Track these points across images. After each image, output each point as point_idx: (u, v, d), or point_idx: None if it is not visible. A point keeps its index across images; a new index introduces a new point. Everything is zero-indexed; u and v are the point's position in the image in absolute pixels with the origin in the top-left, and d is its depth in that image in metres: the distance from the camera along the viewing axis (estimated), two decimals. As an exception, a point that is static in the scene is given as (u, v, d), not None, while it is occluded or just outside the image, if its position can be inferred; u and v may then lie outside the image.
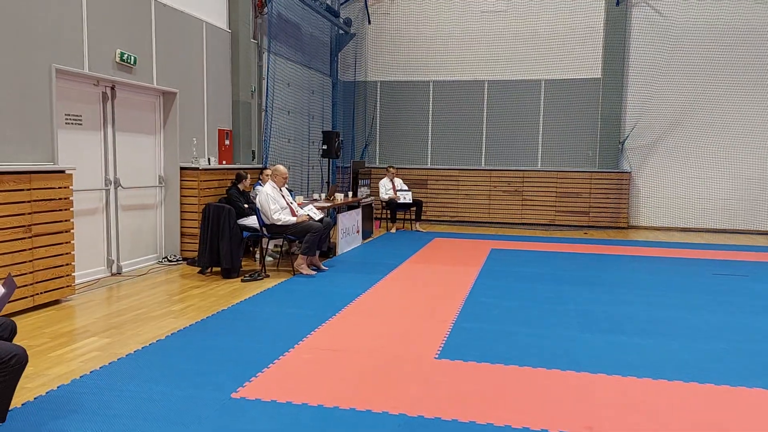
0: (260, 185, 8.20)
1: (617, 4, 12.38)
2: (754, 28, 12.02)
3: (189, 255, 8.08)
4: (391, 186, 11.70)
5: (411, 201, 11.63)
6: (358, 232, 9.76)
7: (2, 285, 3.19)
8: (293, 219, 7.24)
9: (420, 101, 13.79)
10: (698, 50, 12.27)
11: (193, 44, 8.37)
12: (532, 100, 13.17)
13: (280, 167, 7.52)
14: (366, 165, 13.28)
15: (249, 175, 8.25)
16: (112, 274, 7.15)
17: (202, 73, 8.64)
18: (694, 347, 4.70)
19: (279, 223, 7.17)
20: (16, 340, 3.36)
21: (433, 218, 13.45)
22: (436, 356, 4.39)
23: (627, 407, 3.54)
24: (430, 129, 13.80)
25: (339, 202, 9.33)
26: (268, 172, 7.90)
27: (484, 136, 13.49)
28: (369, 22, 13.82)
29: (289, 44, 11.21)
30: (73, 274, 5.94)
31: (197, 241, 7.59)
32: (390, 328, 5.07)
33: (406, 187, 11.89)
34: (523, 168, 13.18)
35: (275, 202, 7.19)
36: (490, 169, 13.30)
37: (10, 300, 5.10)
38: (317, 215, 7.62)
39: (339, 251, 8.78)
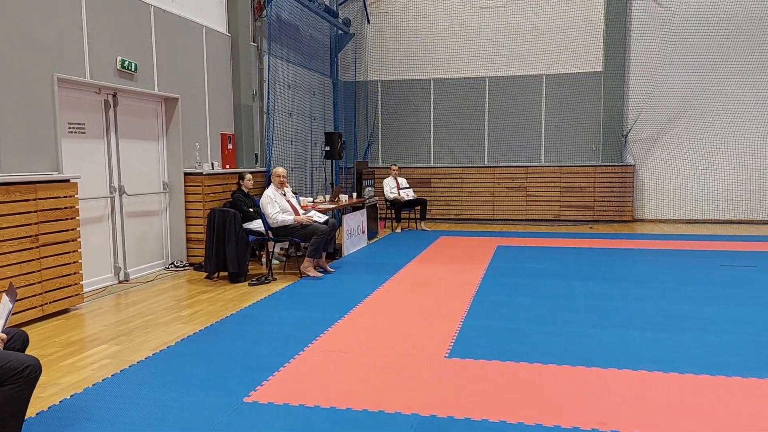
0: None
1: (616, -4, 12.37)
2: (755, 17, 11.97)
3: (195, 260, 8.09)
4: (395, 184, 11.70)
5: (414, 197, 11.67)
6: (363, 232, 9.76)
7: (7, 295, 3.20)
8: (290, 219, 7.22)
9: (421, 100, 13.78)
10: (699, 40, 12.23)
11: (193, 49, 8.38)
12: (533, 95, 13.15)
13: (275, 169, 7.52)
14: (369, 165, 13.27)
15: (249, 175, 8.28)
16: (120, 282, 7.17)
17: (203, 77, 8.65)
18: (704, 340, 4.69)
19: (277, 225, 7.17)
20: (27, 351, 3.37)
21: (437, 217, 13.44)
22: (447, 355, 4.38)
23: (639, 401, 3.53)
24: (432, 127, 13.79)
25: (343, 203, 9.33)
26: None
27: (486, 133, 13.48)
28: (368, 22, 13.82)
29: (289, 46, 11.21)
30: (81, 282, 5.96)
31: (203, 247, 7.60)
32: (399, 328, 5.07)
33: (407, 185, 11.94)
34: (526, 164, 13.16)
35: (275, 205, 7.20)
36: (494, 166, 13.29)
37: (17, 311, 5.14)
38: (321, 218, 7.61)
39: (345, 252, 8.78)
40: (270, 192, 7.27)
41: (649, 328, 5.01)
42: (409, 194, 11.69)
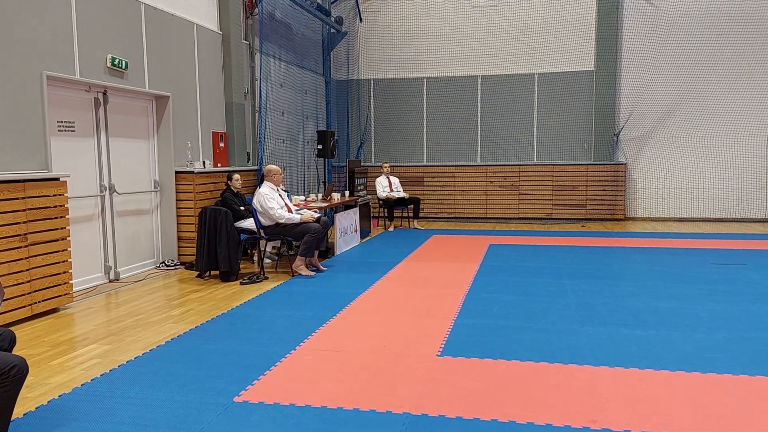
0: None
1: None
2: (746, 16, 12.03)
3: (186, 259, 8.05)
4: (388, 183, 11.70)
5: (404, 195, 11.71)
6: (356, 231, 9.74)
7: None
8: (297, 217, 7.20)
9: (414, 98, 13.77)
10: (690, 39, 12.28)
11: (184, 47, 8.34)
12: (525, 94, 13.17)
13: (273, 167, 7.47)
14: (362, 164, 13.26)
15: (237, 175, 8.20)
16: (110, 281, 7.13)
17: (195, 75, 8.60)
18: (695, 337, 4.70)
19: (282, 221, 7.11)
20: (15, 350, 3.34)
21: (430, 215, 13.44)
22: (438, 354, 4.38)
23: (630, 399, 3.54)
24: (424, 126, 13.79)
25: (336, 201, 9.31)
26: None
27: (479, 131, 13.49)
28: (360, 20, 13.79)
29: (281, 44, 11.18)
30: (70, 281, 5.91)
31: (194, 245, 7.56)
32: (391, 327, 5.06)
33: (398, 182, 11.97)
34: (518, 162, 13.18)
35: (274, 201, 7.15)
36: (486, 165, 13.30)
37: (5, 310, 5.10)
38: (314, 216, 7.59)
39: (337, 251, 8.76)
40: (266, 190, 7.21)
41: (641, 325, 5.02)
42: (398, 188, 11.77)
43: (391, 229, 11.54)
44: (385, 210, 11.66)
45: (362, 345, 4.61)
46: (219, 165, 9.10)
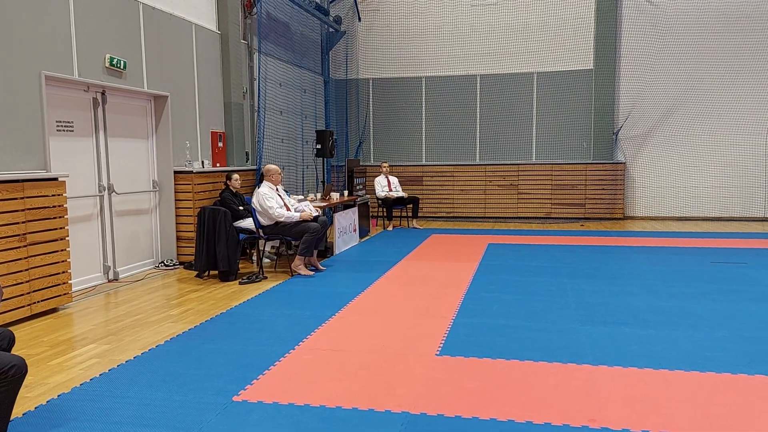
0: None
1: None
2: (745, 14, 12.03)
3: (185, 259, 8.05)
4: (387, 182, 11.70)
5: (403, 194, 11.73)
6: (354, 230, 9.74)
7: None
8: (296, 216, 7.20)
9: (413, 98, 13.77)
10: (689, 38, 12.28)
11: (182, 47, 8.33)
12: (524, 93, 13.17)
13: (271, 166, 7.47)
14: (361, 163, 13.25)
15: (236, 175, 8.19)
16: (109, 281, 7.12)
17: (193, 75, 8.60)
18: (694, 336, 4.71)
19: (282, 219, 7.11)
20: (15, 350, 3.34)
21: (429, 215, 13.44)
22: (437, 353, 4.38)
23: (629, 398, 3.54)
24: (423, 125, 13.78)
25: (335, 201, 9.31)
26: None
27: (478, 130, 13.49)
28: (359, 20, 13.79)
29: (280, 44, 11.18)
30: (69, 281, 5.91)
31: (193, 245, 7.56)
32: (390, 327, 5.06)
33: (396, 182, 11.97)
34: (518, 162, 13.18)
35: (273, 200, 7.15)
36: (485, 164, 13.30)
37: (4, 310, 5.10)
38: (314, 212, 7.58)
39: (336, 251, 8.76)
40: (265, 189, 7.21)
41: (640, 324, 5.02)
42: (397, 189, 11.78)
43: (390, 228, 11.54)
44: (384, 209, 11.66)
45: (361, 344, 4.61)
46: (218, 165, 9.10)
